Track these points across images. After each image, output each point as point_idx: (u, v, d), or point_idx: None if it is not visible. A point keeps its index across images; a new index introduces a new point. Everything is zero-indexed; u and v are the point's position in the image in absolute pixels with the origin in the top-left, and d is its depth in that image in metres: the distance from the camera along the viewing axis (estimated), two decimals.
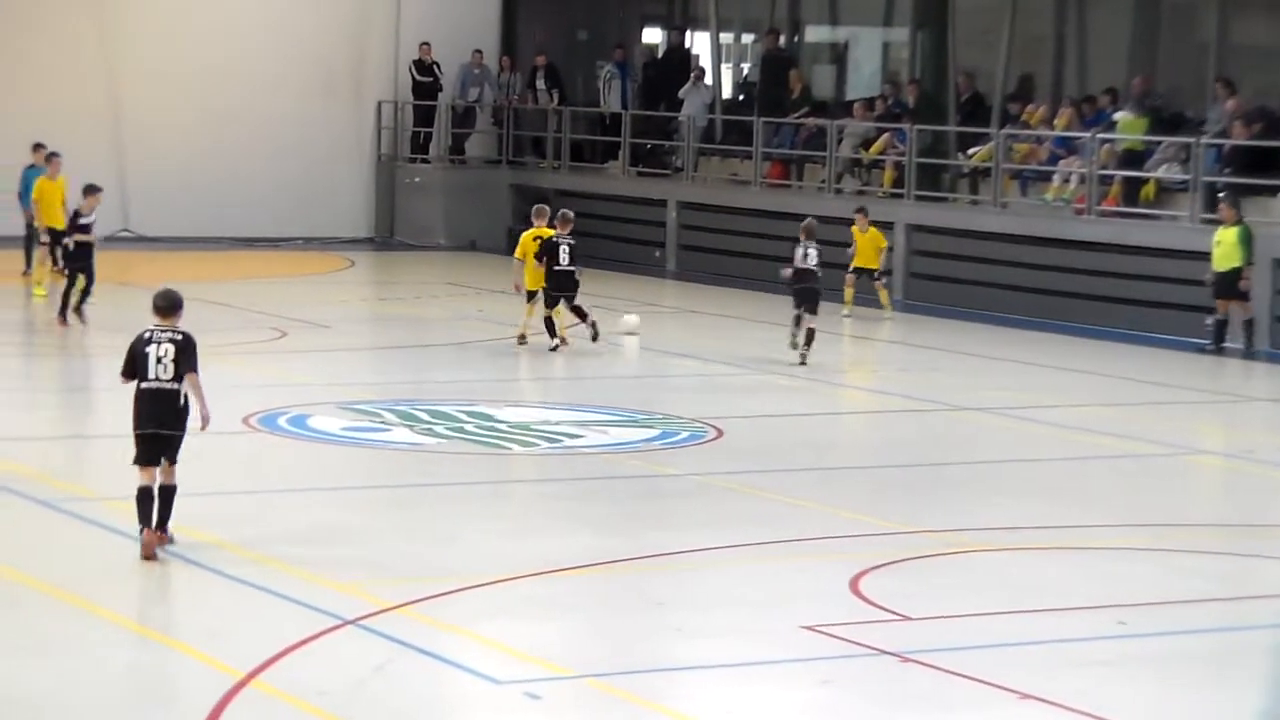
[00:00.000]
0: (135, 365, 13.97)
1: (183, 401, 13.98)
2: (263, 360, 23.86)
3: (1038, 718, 11.09)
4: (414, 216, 39.00)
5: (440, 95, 38.95)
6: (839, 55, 38.81)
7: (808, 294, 23.73)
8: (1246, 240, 25.90)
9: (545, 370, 24.30)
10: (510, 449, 18.82)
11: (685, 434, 19.62)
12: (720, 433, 19.63)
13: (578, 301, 24.58)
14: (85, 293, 25.56)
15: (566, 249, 24.51)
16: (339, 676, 11.44)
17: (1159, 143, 29.50)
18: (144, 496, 13.96)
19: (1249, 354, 26.03)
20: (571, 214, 25.49)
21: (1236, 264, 25.85)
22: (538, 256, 24.48)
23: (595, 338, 24.53)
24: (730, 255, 34.00)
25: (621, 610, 13.38)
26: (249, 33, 37.71)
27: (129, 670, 11.68)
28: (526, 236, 25.06)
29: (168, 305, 14.12)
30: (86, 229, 25.82)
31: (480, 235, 38.09)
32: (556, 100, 38.97)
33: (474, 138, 39.82)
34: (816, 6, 38.83)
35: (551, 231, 25.14)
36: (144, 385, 13.94)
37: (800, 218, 32.48)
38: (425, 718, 10.95)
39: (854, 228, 28.95)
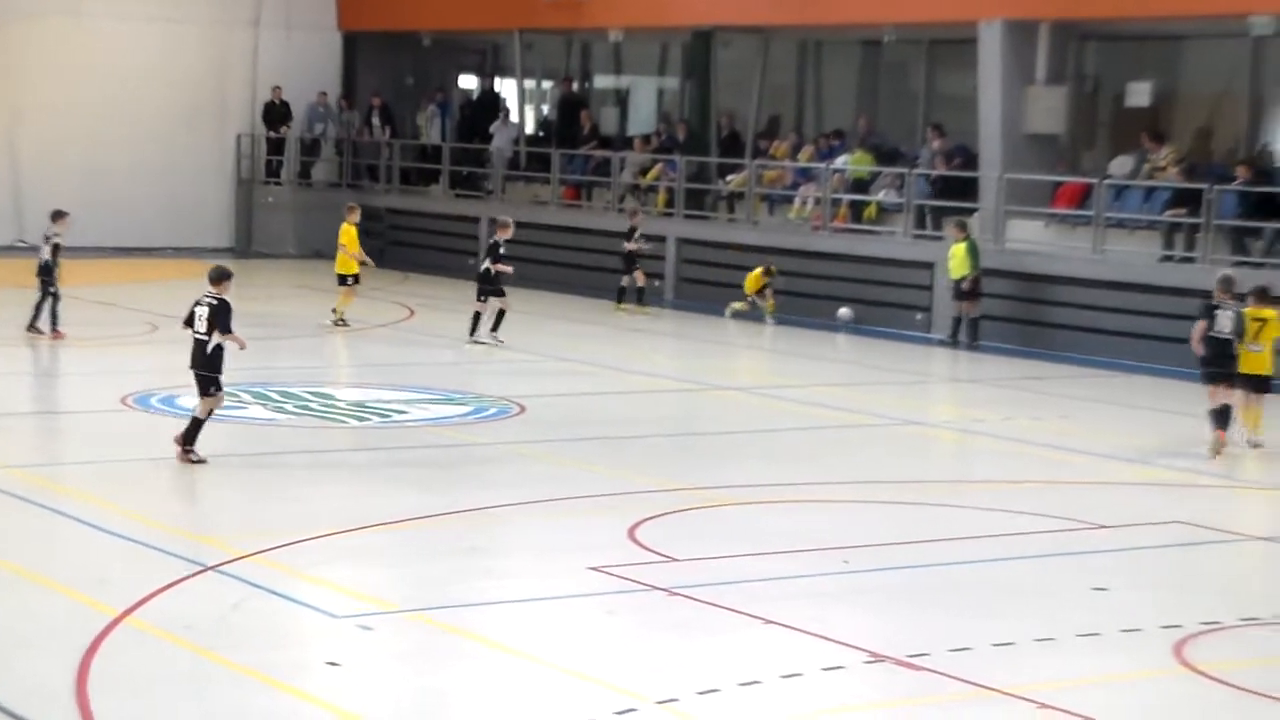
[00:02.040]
0: (189, 321, 15.66)
1: (211, 350, 15.44)
2: (138, 350, 23.49)
3: (780, 639, 11.20)
4: (268, 230, 38.55)
5: (289, 130, 38.56)
6: (622, 99, 38.86)
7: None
8: (974, 252, 26.27)
9: (377, 357, 24.11)
10: (348, 423, 18.66)
11: (494, 410, 19.56)
12: (523, 409, 19.59)
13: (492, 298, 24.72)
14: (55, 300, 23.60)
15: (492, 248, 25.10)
16: (202, 613, 11.29)
17: (879, 172, 29.89)
18: (197, 424, 15.56)
19: (973, 346, 26.32)
20: (509, 220, 25.92)
21: (967, 272, 26.22)
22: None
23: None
24: (533, 263, 33.77)
25: (440, 556, 13.31)
26: (127, 73, 37.04)
27: (21, 611, 11.42)
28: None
29: (214, 276, 15.80)
30: (56, 250, 23.65)
31: (324, 246, 37.49)
32: (388, 134, 38.71)
33: (319, 164, 39.41)
34: (603, 58, 38.85)
35: (354, 229, 26.16)
36: (195, 336, 15.58)
37: (590, 232, 32.83)
38: (275, 646, 10.82)
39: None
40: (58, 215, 24.17)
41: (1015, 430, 19.59)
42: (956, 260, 26.26)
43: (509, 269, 24.90)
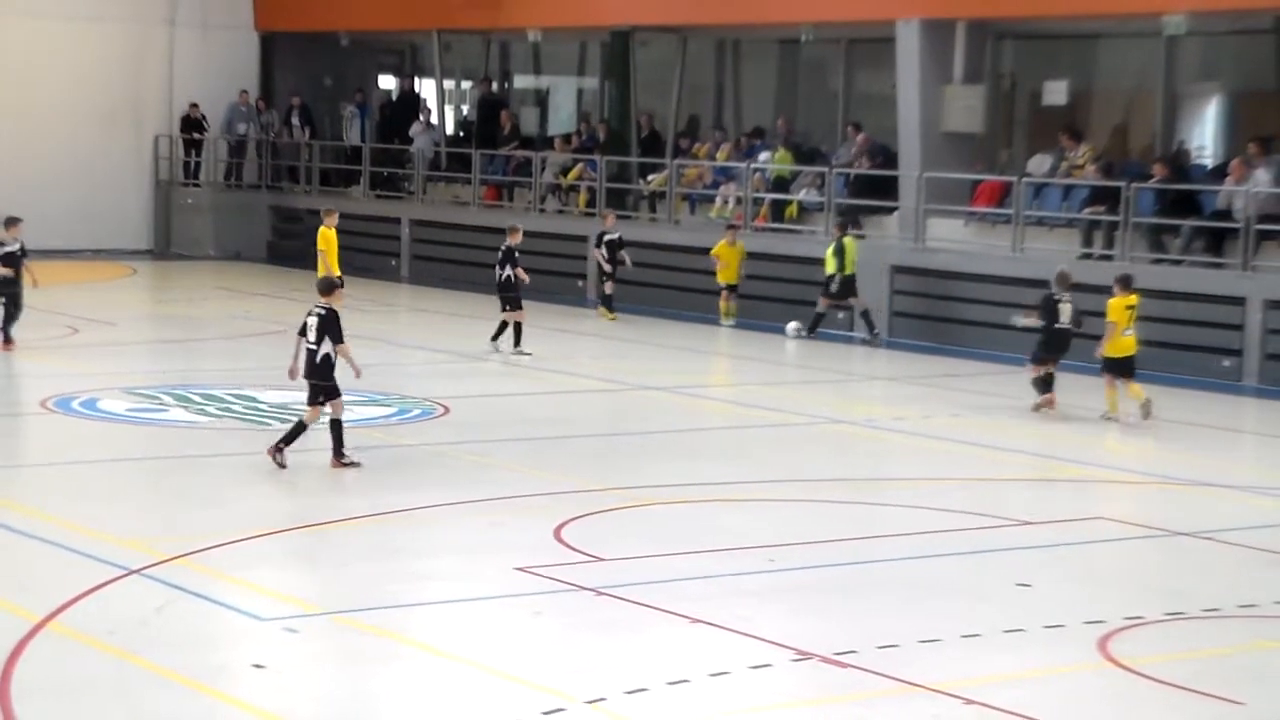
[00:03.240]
0: (303, 331, 16.01)
1: (320, 360, 15.82)
2: (58, 353, 23.26)
3: (707, 637, 11.20)
4: (188, 231, 38.28)
5: (207, 135, 38.32)
6: (542, 99, 38.84)
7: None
8: (842, 252, 26.11)
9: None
10: (271, 425, 18.50)
11: (418, 411, 19.49)
12: (447, 410, 19.53)
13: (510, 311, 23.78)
14: (11, 317, 22.79)
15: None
16: (126, 617, 11.19)
17: (800, 171, 29.97)
18: (300, 427, 15.98)
19: (874, 342, 26.41)
20: (519, 225, 24.90)
21: (834, 270, 26.13)
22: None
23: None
24: (454, 263, 33.85)
25: (366, 557, 13.24)
26: (40, 72, 36.73)
27: None
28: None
29: (322, 287, 16.33)
30: (9, 259, 22.71)
31: (244, 247, 37.56)
32: (308, 135, 38.51)
33: (239, 164, 39.12)
34: (523, 58, 38.81)
35: (333, 233, 25.39)
36: (306, 345, 15.96)
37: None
38: (200, 650, 10.73)
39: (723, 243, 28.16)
40: (10, 222, 23.23)
41: (935, 428, 19.69)
42: (851, 254, 26.15)
43: (526, 278, 24.11)
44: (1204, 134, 28.63)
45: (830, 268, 26.23)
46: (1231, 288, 23.85)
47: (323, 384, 15.97)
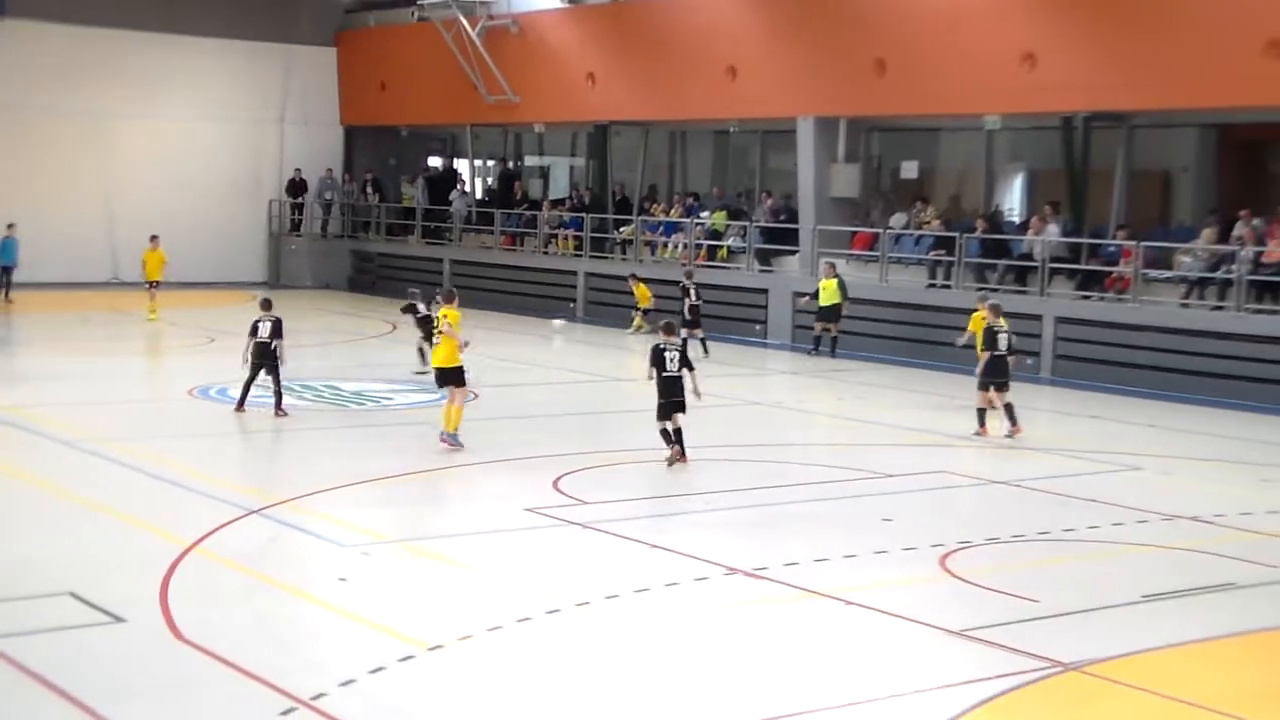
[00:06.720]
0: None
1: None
2: (200, 356, 23.13)
3: (662, 558, 11.20)
4: (292, 268, 38.07)
5: (306, 196, 38.17)
6: (544, 173, 38.76)
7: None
8: (843, 287, 25.04)
9: (368, 361, 23.85)
10: (349, 406, 18.47)
11: None
12: (477, 396, 19.42)
13: None
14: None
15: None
16: (248, 544, 11.17)
17: (729, 225, 29.95)
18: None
19: (833, 355, 25.13)
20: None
21: (836, 300, 24.97)
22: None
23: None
24: (482, 291, 33.73)
25: (419, 502, 13.25)
26: (191, 157, 36.52)
27: (118, 543, 11.23)
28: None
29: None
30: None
31: (331, 279, 37.41)
32: (377, 199, 38.35)
33: (327, 220, 38.97)
34: (531, 144, 38.73)
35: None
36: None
37: (523, 269, 32.69)
38: (300, 568, 10.73)
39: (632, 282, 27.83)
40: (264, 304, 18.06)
41: (826, 407, 19.69)
42: (828, 292, 24.96)
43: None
44: (1013, 199, 28.72)
45: (837, 299, 24.70)
46: (1033, 308, 23.96)
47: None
